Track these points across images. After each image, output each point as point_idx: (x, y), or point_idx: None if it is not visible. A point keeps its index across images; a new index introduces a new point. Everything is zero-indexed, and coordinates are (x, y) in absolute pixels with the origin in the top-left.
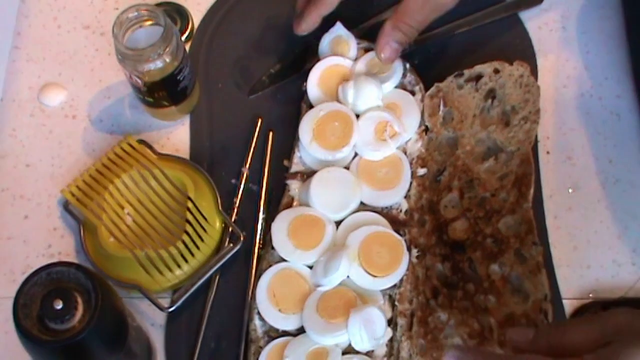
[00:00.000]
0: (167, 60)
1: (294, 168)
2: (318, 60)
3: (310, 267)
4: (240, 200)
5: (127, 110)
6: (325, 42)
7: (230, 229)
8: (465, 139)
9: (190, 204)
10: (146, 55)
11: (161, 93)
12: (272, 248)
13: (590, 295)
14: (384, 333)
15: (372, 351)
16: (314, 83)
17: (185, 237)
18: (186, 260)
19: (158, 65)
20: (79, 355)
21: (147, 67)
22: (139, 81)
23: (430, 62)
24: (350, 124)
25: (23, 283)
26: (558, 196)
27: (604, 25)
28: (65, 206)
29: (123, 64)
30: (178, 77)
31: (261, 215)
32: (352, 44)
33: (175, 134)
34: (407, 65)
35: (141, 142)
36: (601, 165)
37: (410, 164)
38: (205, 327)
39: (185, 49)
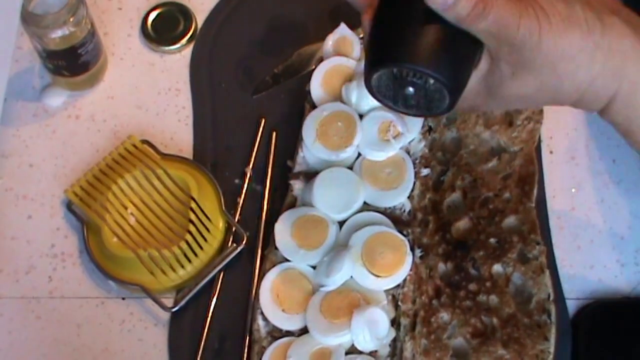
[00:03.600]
0: (69, 31)
1: (298, 168)
2: (322, 60)
3: (314, 267)
4: (243, 201)
5: (131, 111)
6: (329, 42)
7: (233, 229)
8: (469, 139)
9: (193, 204)
10: (46, 22)
11: (60, 62)
12: (276, 248)
13: (594, 295)
14: (387, 333)
15: (376, 351)
16: (318, 83)
17: (189, 238)
18: (189, 261)
19: (58, 34)
20: None
21: (47, 35)
22: (39, 46)
23: None
24: (354, 124)
25: None
26: (561, 196)
27: None
28: (69, 206)
29: (24, 26)
30: (79, 51)
31: (264, 215)
32: (356, 44)
33: (178, 134)
34: None
35: (144, 142)
36: (604, 165)
37: (414, 164)
38: (208, 327)
39: (93, 25)
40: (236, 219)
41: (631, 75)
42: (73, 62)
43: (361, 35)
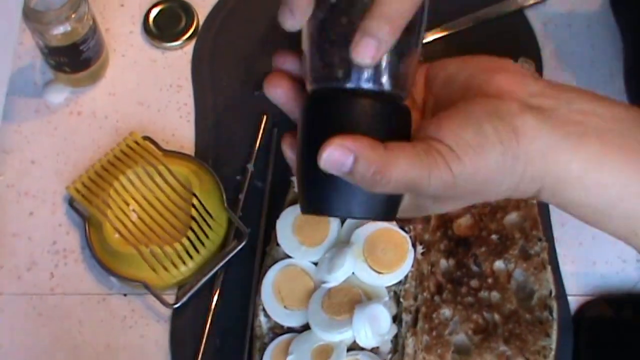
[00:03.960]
0: (70, 28)
1: None
2: None
3: (315, 264)
4: (245, 197)
5: (132, 107)
6: None
7: (235, 226)
8: None
9: (195, 201)
10: (48, 19)
11: (62, 59)
12: (277, 245)
13: (596, 291)
14: (389, 329)
15: (377, 347)
16: None
17: (190, 234)
18: (191, 257)
19: (60, 30)
20: None
21: (49, 31)
22: (41, 43)
23: (434, 59)
24: None
25: None
26: None
27: (610, 20)
28: (70, 203)
29: (26, 22)
30: (81, 47)
31: (266, 212)
32: None
33: (180, 130)
34: None
35: (146, 138)
36: None
37: None
38: (210, 323)
39: (95, 22)
40: (238, 216)
41: (552, 171)
42: (75, 59)
43: None
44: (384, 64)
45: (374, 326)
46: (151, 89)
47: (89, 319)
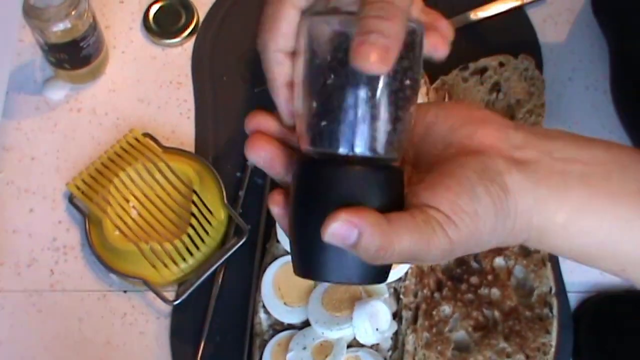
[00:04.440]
0: (70, 25)
1: None
2: None
3: None
4: (245, 194)
5: (132, 104)
6: None
7: (235, 223)
8: None
9: (195, 197)
10: (48, 16)
11: (62, 55)
12: (277, 241)
13: (595, 288)
14: (389, 326)
15: (377, 344)
16: None
17: (191, 231)
18: (191, 254)
19: (60, 27)
20: None
21: (49, 28)
22: (41, 40)
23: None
24: None
25: None
26: None
27: None
28: (71, 199)
29: (26, 19)
30: (81, 44)
31: (266, 209)
32: None
33: (180, 127)
34: None
35: (146, 135)
36: None
37: None
38: (210, 320)
39: (94, 19)
40: (238, 212)
41: (537, 224)
42: (75, 56)
43: None
44: (389, 129)
45: (374, 323)
46: (151, 85)
47: (89, 316)
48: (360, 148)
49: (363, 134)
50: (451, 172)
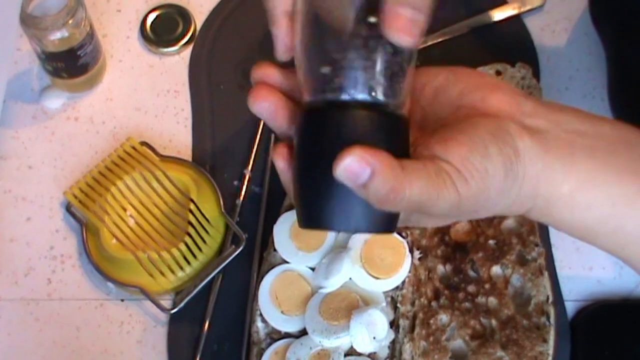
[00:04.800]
0: (67, 33)
1: None
2: None
3: (313, 269)
4: (242, 202)
5: (130, 112)
6: None
7: (232, 231)
8: None
9: (192, 206)
10: (45, 24)
11: (59, 64)
12: (274, 250)
13: (593, 297)
14: (386, 335)
15: (375, 353)
16: None
17: (188, 239)
18: (188, 262)
19: (57, 36)
20: None
21: (46, 36)
22: (38, 48)
23: (432, 64)
24: None
25: None
26: None
27: None
28: (68, 208)
29: (23, 28)
30: (78, 53)
31: (263, 217)
32: None
33: (177, 135)
34: None
35: (143, 144)
36: None
37: None
38: (207, 328)
39: (92, 27)
40: (235, 221)
41: (543, 192)
42: (72, 64)
43: None
44: (393, 75)
45: (371, 331)
46: (148, 94)
47: (86, 325)
48: (365, 94)
49: (367, 80)
50: (464, 129)
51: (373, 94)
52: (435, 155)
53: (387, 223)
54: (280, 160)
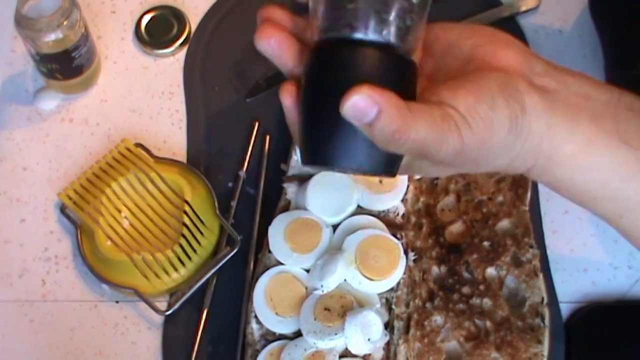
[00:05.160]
0: (62, 35)
1: (291, 171)
2: None
3: (307, 271)
4: (237, 204)
5: (124, 114)
6: None
7: (227, 233)
8: None
9: (187, 208)
10: (40, 26)
11: (54, 66)
12: (269, 251)
13: (587, 298)
14: (381, 336)
15: (369, 354)
16: None
17: (182, 241)
18: (183, 264)
19: (52, 38)
20: None
21: (41, 38)
22: (33, 50)
23: None
24: None
25: None
26: (555, 199)
27: None
28: (62, 209)
29: (18, 29)
30: (73, 54)
31: (258, 219)
32: None
33: (172, 137)
34: None
35: (138, 145)
36: None
37: None
38: (202, 330)
39: (86, 29)
40: (230, 223)
41: (545, 151)
42: (67, 66)
43: None
44: (405, 18)
45: (365, 333)
46: (143, 95)
47: (81, 326)
48: (378, 34)
49: (381, 20)
50: (473, 79)
51: (385, 34)
52: (442, 101)
53: (389, 165)
54: (288, 98)
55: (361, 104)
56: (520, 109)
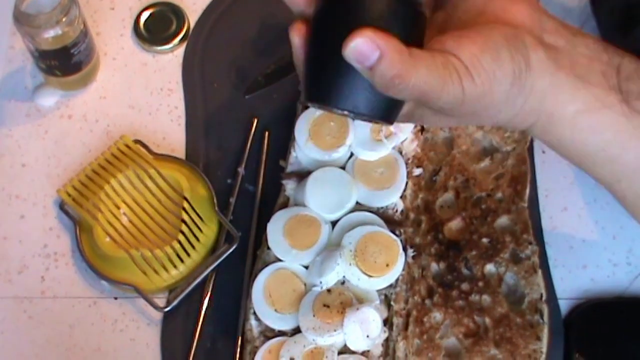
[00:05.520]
0: (61, 31)
1: (290, 168)
2: None
3: (306, 267)
4: (236, 200)
5: (123, 110)
6: None
7: (226, 229)
8: (461, 139)
9: (186, 204)
10: (38, 22)
11: (53, 62)
12: (268, 248)
13: (586, 295)
14: (380, 333)
15: (368, 351)
16: None
17: (181, 237)
18: (182, 260)
19: (51, 34)
20: None
21: (40, 34)
22: (31, 46)
23: None
24: (346, 124)
25: None
26: (554, 196)
27: None
28: (61, 206)
29: (17, 26)
30: (72, 51)
31: (257, 215)
32: None
33: (171, 133)
34: None
35: (137, 142)
36: None
37: (406, 163)
38: (201, 326)
39: (85, 25)
40: (228, 219)
41: (548, 108)
42: (65, 62)
43: None
44: None
45: (364, 330)
46: (142, 92)
47: (80, 323)
48: None
49: None
50: (480, 30)
51: None
52: (445, 50)
53: (388, 111)
54: (297, 36)
55: (363, 47)
56: (525, 64)
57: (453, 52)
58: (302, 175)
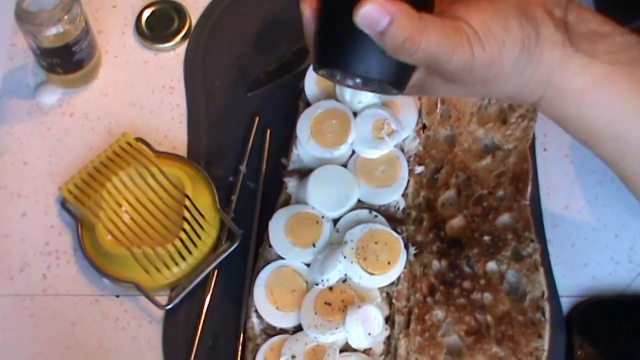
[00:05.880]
0: (63, 29)
1: (292, 166)
2: None
3: (308, 265)
4: (237, 198)
5: (125, 108)
6: None
7: (227, 227)
8: (463, 137)
9: (187, 202)
10: (40, 20)
11: (55, 60)
12: (270, 246)
13: (588, 293)
14: (382, 331)
15: (370, 349)
16: (312, 81)
17: (183, 235)
18: (184, 258)
19: (53, 32)
20: None
21: (42, 32)
22: (33, 44)
23: None
24: (348, 122)
25: None
26: (555, 194)
27: None
28: (63, 204)
29: (19, 23)
30: (74, 49)
31: (258, 213)
32: None
33: (172, 131)
34: None
35: (139, 139)
36: (598, 163)
37: (408, 161)
38: (202, 324)
39: (87, 23)
40: (230, 217)
41: (555, 82)
42: (67, 60)
43: None
44: None
45: (366, 327)
46: (144, 90)
47: (81, 320)
48: None
49: None
50: (492, 1)
51: None
52: (456, 16)
53: (398, 78)
54: (307, 9)
55: (373, 13)
56: (535, 35)
57: (464, 18)
58: (304, 173)
